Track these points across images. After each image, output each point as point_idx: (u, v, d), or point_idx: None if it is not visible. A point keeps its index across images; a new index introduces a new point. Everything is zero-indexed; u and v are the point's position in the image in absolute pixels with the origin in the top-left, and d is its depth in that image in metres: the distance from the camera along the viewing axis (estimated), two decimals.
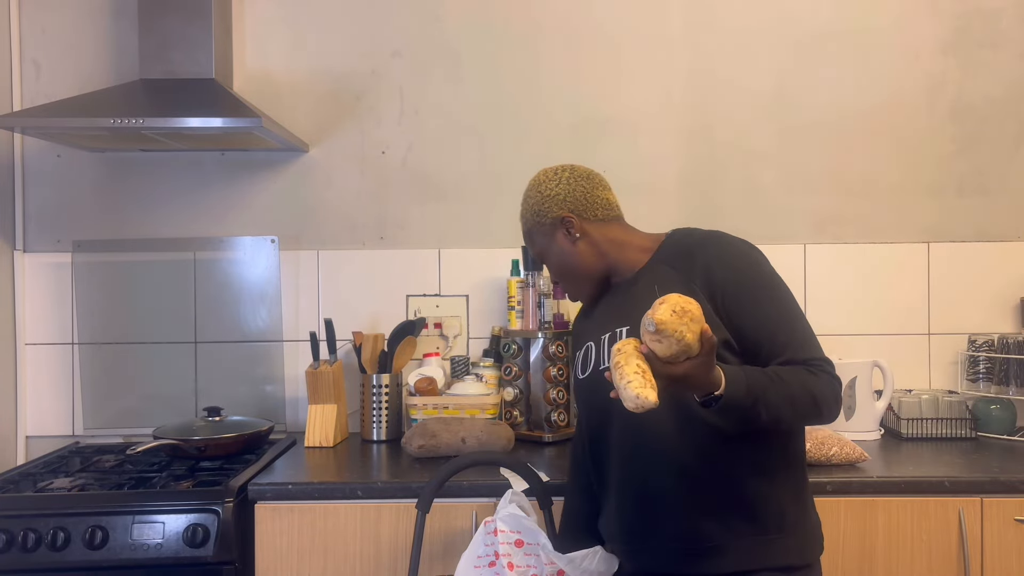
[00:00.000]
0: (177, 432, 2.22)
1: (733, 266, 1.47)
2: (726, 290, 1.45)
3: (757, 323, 1.44)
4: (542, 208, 1.61)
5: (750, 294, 1.46)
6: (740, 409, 1.32)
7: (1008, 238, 2.54)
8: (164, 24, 2.34)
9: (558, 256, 1.61)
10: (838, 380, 1.44)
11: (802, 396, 1.38)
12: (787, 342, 1.43)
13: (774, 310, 1.47)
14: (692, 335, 1.23)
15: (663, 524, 1.48)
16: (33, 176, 2.56)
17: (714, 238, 1.53)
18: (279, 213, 2.57)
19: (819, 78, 2.55)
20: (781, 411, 1.36)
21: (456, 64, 2.56)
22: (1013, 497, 1.89)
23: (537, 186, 1.63)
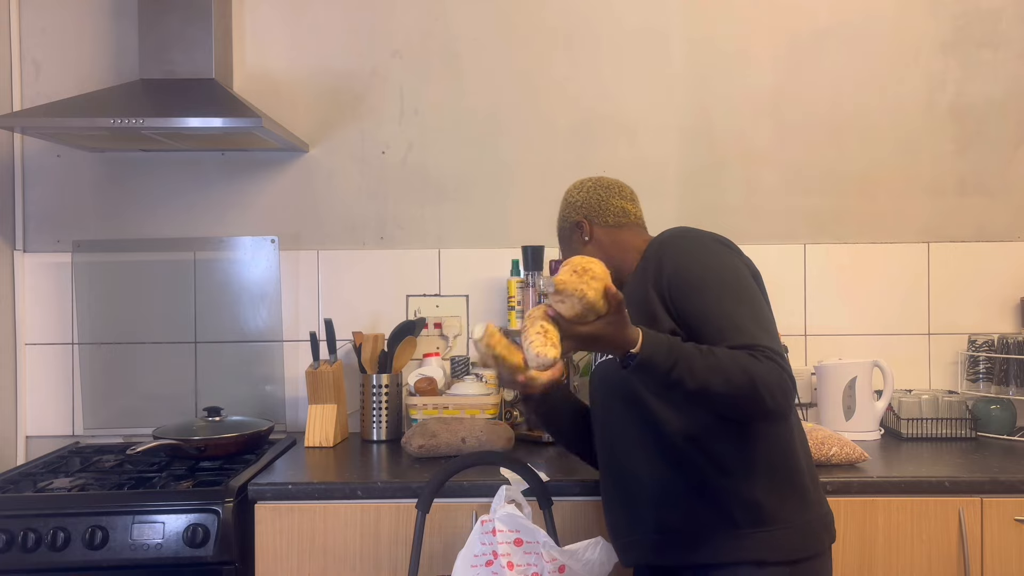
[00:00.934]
0: (177, 432, 2.21)
1: (680, 259, 1.50)
2: (672, 282, 1.47)
3: (697, 310, 1.45)
4: (565, 214, 1.74)
5: (692, 283, 1.47)
6: (659, 371, 1.33)
7: (1008, 238, 2.55)
8: (164, 24, 2.34)
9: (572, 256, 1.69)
10: (786, 371, 1.39)
11: (736, 373, 1.35)
12: (725, 328, 1.42)
13: (715, 297, 1.45)
14: (594, 292, 1.25)
15: (642, 517, 1.54)
16: (33, 176, 2.56)
17: (674, 235, 1.56)
18: (279, 213, 2.57)
19: (819, 78, 2.55)
20: (710, 382, 1.34)
21: (456, 64, 2.56)
22: (1013, 497, 1.89)
23: (566, 194, 1.75)
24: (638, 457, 1.54)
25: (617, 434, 1.58)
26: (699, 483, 1.49)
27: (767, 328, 1.44)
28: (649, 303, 1.49)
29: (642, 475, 1.54)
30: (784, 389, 1.38)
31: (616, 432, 1.59)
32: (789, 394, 1.39)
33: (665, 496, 1.51)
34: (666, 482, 1.51)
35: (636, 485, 1.55)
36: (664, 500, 1.51)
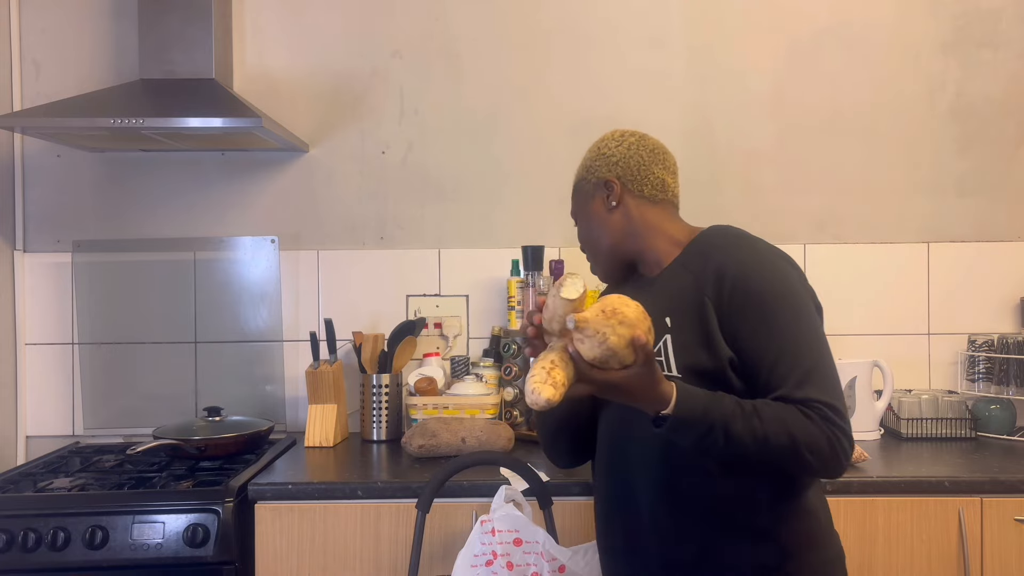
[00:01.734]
0: (177, 432, 2.22)
1: (747, 276, 1.31)
2: (733, 301, 1.29)
3: (759, 346, 1.28)
4: (593, 164, 1.48)
5: (759, 311, 1.29)
6: (692, 435, 1.20)
7: (1008, 238, 2.55)
8: (164, 24, 2.34)
9: (589, 219, 1.49)
10: (841, 430, 1.25)
11: (779, 437, 1.21)
12: (787, 375, 1.26)
13: (782, 335, 1.28)
14: (618, 339, 1.13)
15: (647, 551, 1.38)
16: (33, 176, 2.56)
17: (738, 241, 1.38)
18: (279, 213, 2.57)
19: (819, 78, 2.55)
20: (745, 447, 1.21)
21: (456, 64, 2.56)
22: (1013, 497, 1.89)
23: (599, 143, 1.50)
24: (655, 481, 1.36)
25: (634, 452, 1.38)
26: (724, 518, 1.33)
27: (828, 378, 1.28)
28: (705, 319, 1.31)
29: (656, 501, 1.36)
30: (835, 451, 1.24)
31: (632, 450, 1.39)
32: (840, 455, 1.26)
33: (679, 529, 1.34)
34: (684, 512, 1.34)
35: (645, 510, 1.37)
36: (678, 534, 1.34)
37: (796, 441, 1.22)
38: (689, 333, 1.31)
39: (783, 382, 1.26)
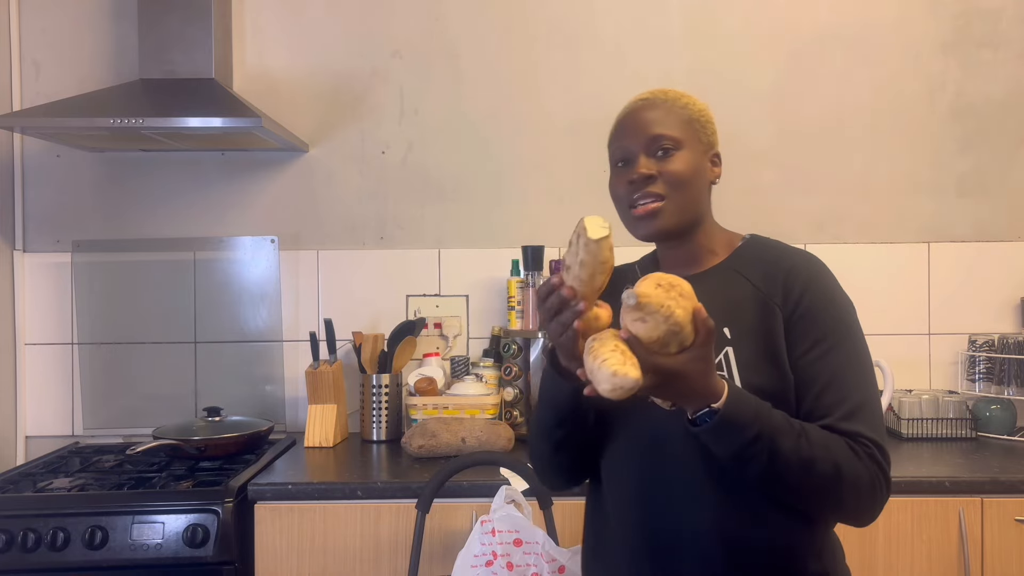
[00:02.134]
0: (177, 432, 2.21)
1: (819, 292, 1.22)
2: (800, 315, 1.20)
3: (813, 369, 1.18)
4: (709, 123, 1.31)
5: (822, 332, 1.20)
6: (738, 439, 1.07)
7: (1008, 238, 2.54)
8: (164, 24, 2.34)
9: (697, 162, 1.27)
10: (887, 475, 1.16)
11: (824, 464, 1.10)
12: (836, 404, 1.16)
13: (839, 362, 1.19)
14: (683, 312, 1.01)
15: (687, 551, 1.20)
16: (33, 176, 2.56)
17: (811, 261, 1.27)
18: (279, 213, 2.57)
19: (819, 78, 2.55)
20: (788, 467, 1.09)
21: (456, 64, 2.56)
22: (1013, 497, 1.89)
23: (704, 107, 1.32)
24: (695, 503, 1.19)
25: (675, 479, 1.20)
26: (769, 546, 1.19)
27: (877, 417, 1.19)
28: (773, 332, 1.20)
29: (699, 526, 1.19)
30: (875, 493, 1.15)
31: (674, 476, 1.20)
32: (879, 499, 1.16)
33: (724, 556, 1.18)
34: (729, 538, 1.18)
35: (684, 537, 1.19)
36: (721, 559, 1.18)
37: (841, 473, 1.12)
38: (754, 347, 1.19)
39: (831, 411, 1.16)
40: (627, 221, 1.29)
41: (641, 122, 1.29)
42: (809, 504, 1.17)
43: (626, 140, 1.29)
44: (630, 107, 1.34)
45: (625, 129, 1.31)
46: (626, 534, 1.24)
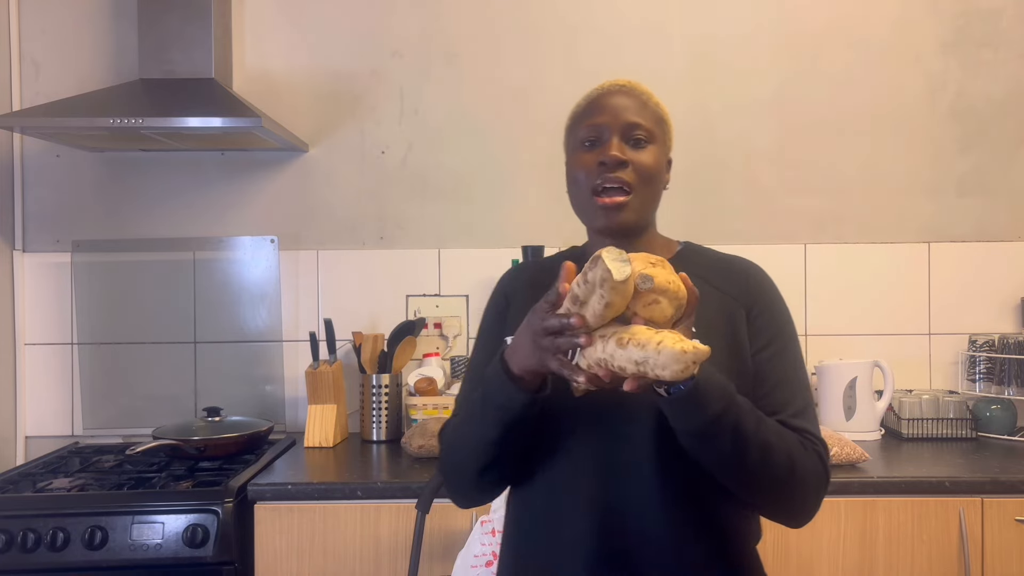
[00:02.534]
0: (177, 432, 2.21)
1: (773, 297, 1.27)
2: (759, 315, 1.23)
3: (769, 367, 1.21)
4: (672, 129, 1.32)
5: (776, 332, 1.24)
6: (707, 411, 1.05)
7: (1008, 238, 2.54)
8: (164, 24, 2.34)
9: (661, 160, 1.28)
10: (828, 476, 1.18)
11: (780, 453, 1.12)
12: (787, 401, 1.20)
13: (789, 363, 1.24)
14: (679, 286, 1.01)
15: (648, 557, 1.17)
16: (33, 176, 2.55)
17: (760, 267, 1.30)
18: (279, 213, 2.57)
19: (819, 78, 2.55)
20: (748, 449, 1.08)
21: (456, 64, 2.56)
22: (1013, 497, 1.89)
23: (660, 102, 1.34)
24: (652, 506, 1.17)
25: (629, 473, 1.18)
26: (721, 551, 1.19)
27: (817, 425, 1.23)
28: (737, 331, 1.22)
29: (656, 528, 1.17)
30: (818, 491, 1.18)
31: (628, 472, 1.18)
32: (820, 498, 1.19)
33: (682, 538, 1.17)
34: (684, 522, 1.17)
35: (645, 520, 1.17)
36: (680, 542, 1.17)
37: (794, 464, 1.13)
38: (719, 342, 1.17)
39: (782, 408, 1.18)
40: (586, 207, 1.27)
41: (619, 106, 1.26)
42: (762, 492, 1.15)
43: (600, 120, 1.25)
44: (605, 89, 1.31)
45: (600, 109, 1.28)
46: (582, 541, 1.17)
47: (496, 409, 1.14)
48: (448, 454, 1.27)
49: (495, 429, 1.15)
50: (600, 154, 1.23)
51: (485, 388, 1.16)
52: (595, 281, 0.99)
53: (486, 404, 1.16)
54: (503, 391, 1.12)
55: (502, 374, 1.12)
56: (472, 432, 1.19)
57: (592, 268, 0.99)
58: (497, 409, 1.14)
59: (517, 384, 1.11)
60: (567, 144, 1.34)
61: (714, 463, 1.11)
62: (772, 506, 1.20)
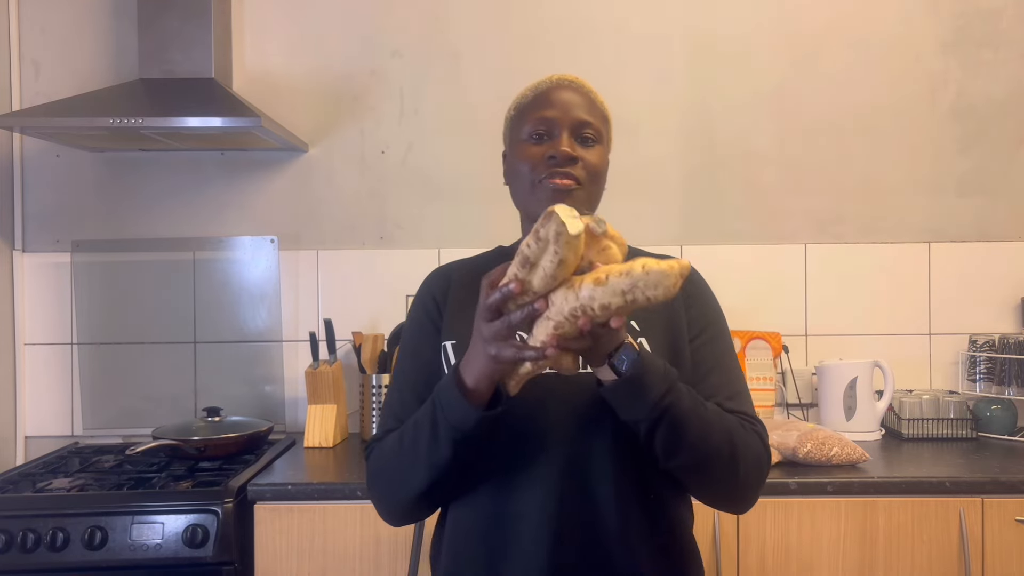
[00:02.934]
0: (176, 432, 2.21)
1: (707, 294, 1.31)
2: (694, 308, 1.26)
3: (702, 354, 1.23)
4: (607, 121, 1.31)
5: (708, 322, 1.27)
6: (650, 394, 1.05)
7: (1008, 238, 2.54)
8: (163, 23, 2.34)
9: (605, 168, 1.30)
10: (767, 453, 1.20)
11: (722, 432, 1.12)
12: (722, 385, 1.21)
13: (722, 352, 1.26)
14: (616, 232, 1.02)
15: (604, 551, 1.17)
16: (33, 176, 2.55)
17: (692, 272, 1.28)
18: (279, 213, 2.57)
19: (819, 78, 2.55)
20: (690, 431, 1.08)
21: (456, 64, 2.56)
22: (1014, 497, 1.89)
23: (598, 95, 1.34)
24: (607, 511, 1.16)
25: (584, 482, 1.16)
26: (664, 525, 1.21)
27: (751, 404, 1.25)
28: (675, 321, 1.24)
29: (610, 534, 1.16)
30: (760, 471, 1.18)
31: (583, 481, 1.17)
32: (763, 478, 1.19)
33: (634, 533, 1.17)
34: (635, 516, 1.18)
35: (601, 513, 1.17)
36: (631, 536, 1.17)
37: (735, 443, 1.13)
38: (661, 337, 1.21)
39: (718, 391, 1.19)
40: (528, 195, 1.25)
41: (569, 102, 1.25)
42: (707, 474, 1.14)
43: (550, 114, 1.23)
44: (554, 83, 1.30)
45: (549, 103, 1.26)
46: (534, 550, 1.15)
47: (449, 429, 1.09)
48: (383, 475, 1.21)
49: (447, 449, 1.10)
50: (550, 148, 1.22)
51: (436, 406, 1.11)
52: (548, 237, 0.96)
53: (437, 424, 1.10)
54: (458, 409, 1.08)
55: (455, 389, 1.07)
56: (418, 453, 1.13)
57: (545, 224, 0.96)
58: (450, 429, 1.09)
59: (471, 400, 1.07)
60: (509, 135, 1.31)
61: (660, 448, 1.10)
62: (716, 490, 1.20)
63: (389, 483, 1.20)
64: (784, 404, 2.48)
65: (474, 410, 1.07)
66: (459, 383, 1.08)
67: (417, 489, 1.16)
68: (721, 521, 1.88)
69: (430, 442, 1.12)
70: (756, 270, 2.53)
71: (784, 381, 2.49)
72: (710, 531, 1.88)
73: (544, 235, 0.97)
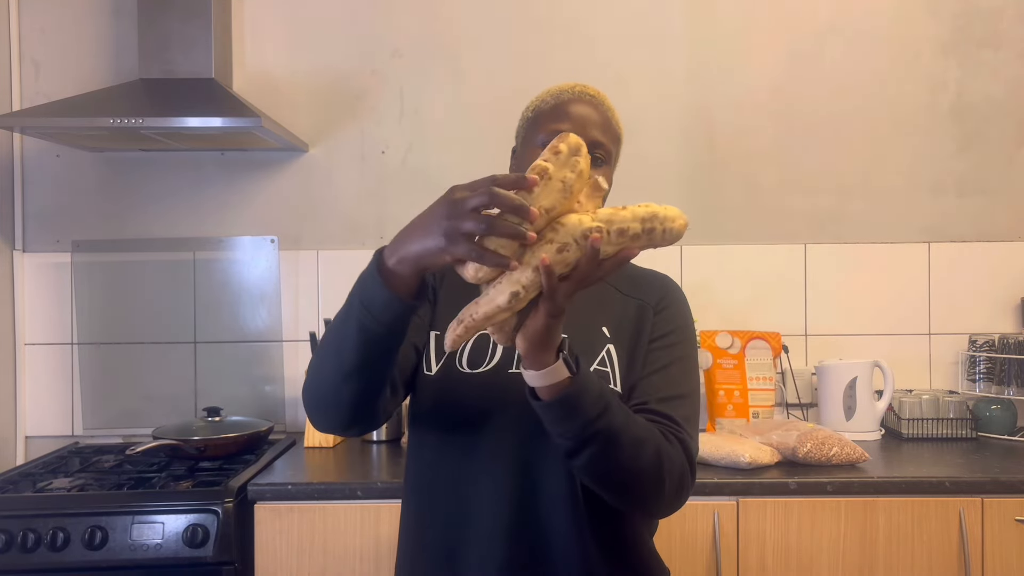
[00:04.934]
0: (177, 432, 2.21)
1: (680, 305, 1.31)
2: (662, 315, 1.28)
3: (655, 356, 1.24)
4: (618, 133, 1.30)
5: (671, 331, 1.27)
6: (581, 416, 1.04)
7: (1008, 238, 2.54)
8: (163, 24, 2.34)
9: (609, 182, 1.28)
10: (694, 467, 1.18)
11: (647, 445, 1.11)
12: (661, 387, 1.21)
13: (676, 361, 1.25)
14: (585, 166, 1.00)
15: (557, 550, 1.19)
16: (33, 176, 2.55)
17: (674, 281, 1.35)
18: (279, 213, 2.57)
19: (819, 78, 2.55)
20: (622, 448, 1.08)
21: (456, 64, 2.56)
22: (1013, 497, 1.89)
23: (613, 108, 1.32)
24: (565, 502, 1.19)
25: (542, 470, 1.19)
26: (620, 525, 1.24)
27: (692, 417, 1.23)
28: (643, 335, 1.26)
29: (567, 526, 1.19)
30: (683, 482, 1.16)
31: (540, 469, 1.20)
32: (686, 489, 1.17)
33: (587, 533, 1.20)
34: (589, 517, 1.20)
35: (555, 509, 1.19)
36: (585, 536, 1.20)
37: (660, 456, 1.12)
38: (629, 344, 1.24)
39: (654, 392, 1.20)
40: None
41: (586, 119, 1.25)
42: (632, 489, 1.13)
43: (565, 128, 1.21)
44: (575, 95, 1.29)
45: (567, 116, 1.25)
46: (491, 540, 1.18)
47: (360, 306, 1.06)
48: (312, 371, 1.17)
49: (356, 332, 1.06)
50: None
51: (354, 286, 1.09)
52: (568, 150, 0.96)
53: (350, 302, 1.09)
54: (371, 287, 1.05)
55: (373, 265, 1.06)
56: (330, 340, 1.11)
57: (564, 139, 0.97)
58: (361, 306, 1.06)
59: (388, 283, 1.04)
60: (522, 134, 1.33)
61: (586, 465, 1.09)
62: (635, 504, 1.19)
63: (314, 379, 1.16)
64: (784, 404, 2.49)
65: (385, 291, 1.03)
66: (379, 264, 1.06)
67: (331, 375, 1.11)
68: (721, 521, 1.88)
69: (342, 321, 1.09)
70: (756, 270, 2.53)
71: (784, 381, 2.49)
72: (710, 531, 1.88)
73: (564, 148, 0.96)
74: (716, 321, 2.49)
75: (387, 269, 1.05)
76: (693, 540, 1.88)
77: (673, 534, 1.87)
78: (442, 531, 1.22)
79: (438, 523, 1.23)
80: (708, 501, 1.89)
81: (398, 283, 1.04)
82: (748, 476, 1.91)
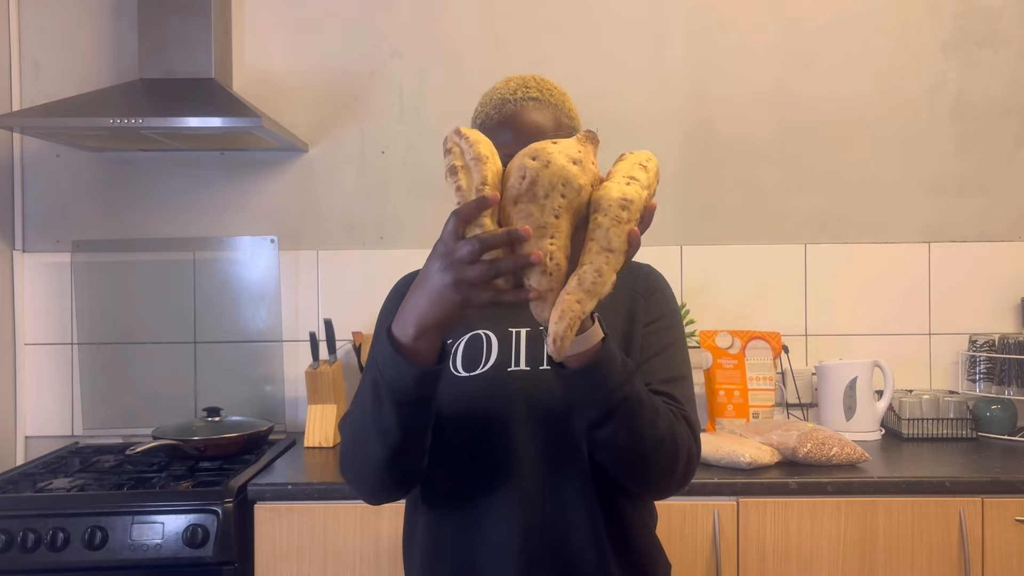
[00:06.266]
0: (176, 432, 2.21)
1: (667, 292, 1.33)
2: (652, 300, 1.29)
3: (651, 340, 1.25)
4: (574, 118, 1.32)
5: (663, 315, 1.28)
6: (610, 382, 1.05)
7: (1008, 238, 2.54)
8: (163, 24, 2.34)
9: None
10: (699, 445, 1.20)
11: (663, 412, 1.13)
12: (661, 368, 1.22)
13: (671, 342, 1.27)
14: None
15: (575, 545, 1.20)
16: (33, 176, 2.55)
17: (653, 268, 1.36)
18: (279, 213, 2.57)
19: (819, 78, 2.55)
20: (643, 421, 1.09)
21: (456, 64, 2.56)
22: (1014, 497, 1.89)
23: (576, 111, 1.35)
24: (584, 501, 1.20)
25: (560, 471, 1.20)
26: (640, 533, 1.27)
27: (691, 397, 1.25)
28: (635, 320, 1.26)
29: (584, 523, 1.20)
30: (691, 462, 1.17)
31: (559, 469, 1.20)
32: (693, 468, 1.19)
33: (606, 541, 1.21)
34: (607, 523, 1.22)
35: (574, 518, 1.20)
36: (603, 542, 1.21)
37: (674, 431, 1.13)
38: (622, 333, 1.24)
39: (655, 374, 1.20)
40: None
41: (536, 126, 1.26)
42: (651, 462, 1.13)
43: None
44: (516, 104, 1.30)
45: (515, 132, 1.26)
46: (509, 539, 1.18)
47: (388, 389, 1.05)
48: (351, 450, 1.17)
49: (391, 412, 1.06)
50: None
51: (375, 368, 1.07)
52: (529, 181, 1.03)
53: (377, 386, 1.06)
54: (396, 370, 1.04)
55: (388, 347, 1.04)
56: (366, 422, 1.10)
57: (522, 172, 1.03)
58: (389, 389, 1.05)
59: (408, 358, 1.03)
60: None
61: (611, 436, 1.09)
62: (652, 478, 1.18)
63: (357, 462, 1.17)
64: (784, 404, 2.48)
65: (410, 367, 1.03)
66: (392, 341, 1.04)
67: (378, 460, 1.12)
68: (721, 521, 1.88)
69: (375, 408, 1.08)
70: (756, 270, 2.53)
71: (784, 381, 2.49)
72: (710, 531, 1.88)
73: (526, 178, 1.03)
74: (716, 321, 2.49)
75: (408, 346, 1.03)
76: (693, 540, 1.89)
77: (673, 534, 1.87)
78: (458, 537, 1.21)
79: (452, 529, 1.22)
80: (708, 501, 1.89)
81: (425, 353, 1.04)
82: (748, 476, 1.91)
